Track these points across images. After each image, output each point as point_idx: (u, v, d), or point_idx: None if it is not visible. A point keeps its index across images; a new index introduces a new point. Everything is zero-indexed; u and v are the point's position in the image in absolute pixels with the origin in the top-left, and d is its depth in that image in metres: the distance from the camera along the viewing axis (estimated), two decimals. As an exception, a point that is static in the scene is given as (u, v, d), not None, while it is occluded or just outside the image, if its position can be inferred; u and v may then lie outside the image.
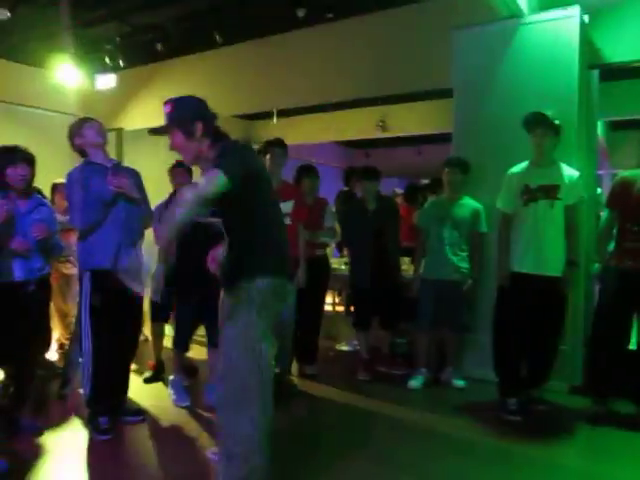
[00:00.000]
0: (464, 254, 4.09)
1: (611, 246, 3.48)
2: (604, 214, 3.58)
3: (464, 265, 4.07)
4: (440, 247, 4.08)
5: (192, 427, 3.38)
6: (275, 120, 8.36)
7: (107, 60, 6.06)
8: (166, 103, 2.35)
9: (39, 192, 3.70)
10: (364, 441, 3.23)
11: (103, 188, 3.13)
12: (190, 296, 3.77)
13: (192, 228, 3.52)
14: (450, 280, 4.05)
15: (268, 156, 3.97)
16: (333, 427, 3.50)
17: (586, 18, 4.08)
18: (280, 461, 2.92)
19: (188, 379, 4.12)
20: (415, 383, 4.12)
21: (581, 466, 2.98)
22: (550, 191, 3.48)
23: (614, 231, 3.46)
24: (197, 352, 4.47)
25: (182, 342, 3.91)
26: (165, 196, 4.17)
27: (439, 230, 4.09)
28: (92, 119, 3.37)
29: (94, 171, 3.21)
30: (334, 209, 5.32)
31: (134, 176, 3.37)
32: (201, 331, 4.09)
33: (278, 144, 4.01)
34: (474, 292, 4.09)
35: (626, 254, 3.34)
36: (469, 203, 4.12)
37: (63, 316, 4.79)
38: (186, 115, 2.29)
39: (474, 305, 4.15)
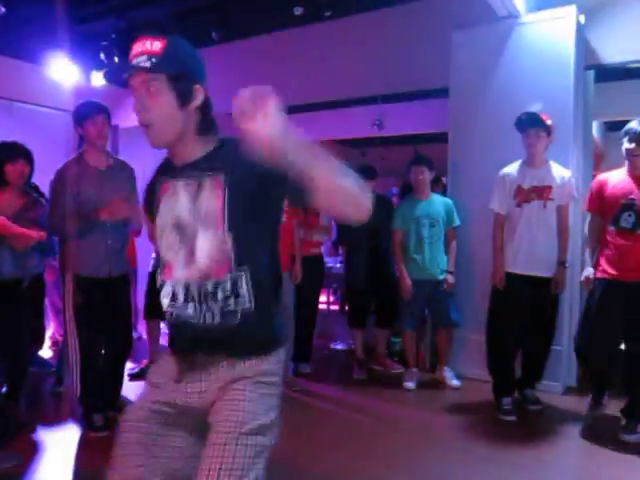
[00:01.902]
0: (443, 251, 4.11)
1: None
2: (588, 218, 3.46)
3: (444, 262, 4.10)
4: (421, 247, 4.09)
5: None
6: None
7: (102, 57, 6.03)
8: (154, 38, 1.46)
9: (36, 189, 3.69)
10: (358, 440, 3.23)
11: (91, 200, 3.04)
12: None
13: None
14: (435, 280, 4.06)
15: None
16: (328, 427, 3.50)
17: (582, 19, 4.09)
18: (274, 460, 2.92)
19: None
20: (410, 383, 4.13)
21: (574, 465, 2.99)
22: (543, 192, 3.49)
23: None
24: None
25: None
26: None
27: (417, 231, 4.09)
28: (99, 111, 3.12)
29: (86, 176, 3.10)
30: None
31: (128, 175, 3.29)
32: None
33: None
34: (453, 286, 4.10)
35: (610, 263, 3.20)
36: (440, 199, 4.16)
37: (58, 313, 4.78)
38: (188, 68, 1.45)
39: (461, 301, 4.17)
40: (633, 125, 3.15)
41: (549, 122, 3.50)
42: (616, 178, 3.24)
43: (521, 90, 4.06)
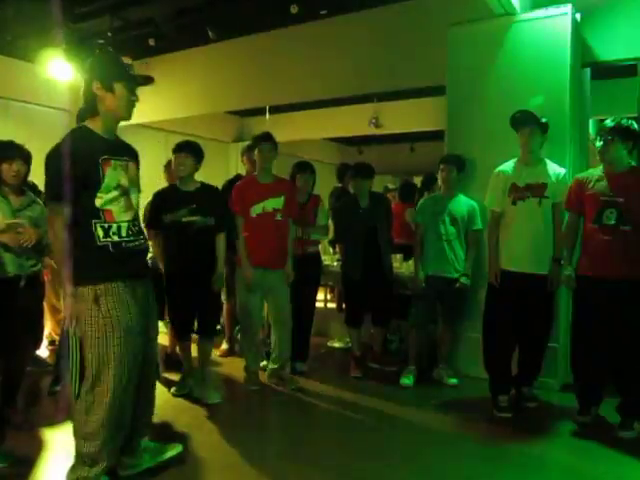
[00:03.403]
0: (461, 251, 4.09)
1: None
2: (566, 217, 3.46)
3: (461, 262, 4.08)
4: (438, 243, 4.09)
5: (183, 420, 3.39)
6: (267, 116, 8.34)
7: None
8: None
9: (34, 188, 3.69)
10: (356, 438, 3.24)
11: None
12: (175, 289, 3.78)
13: (175, 228, 3.57)
14: (448, 278, 4.06)
15: (256, 151, 3.97)
16: (325, 425, 3.50)
17: (578, 16, 4.09)
18: (271, 458, 2.93)
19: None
20: (407, 380, 4.13)
21: (570, 463, 3.00)
22: (538, 189, 3.50)
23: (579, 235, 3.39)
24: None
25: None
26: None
27: (436, 226, 4.09)
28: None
29: None
30: (327, 206, 5.32)
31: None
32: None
33: (266, 139, 3.99)
34: (468, 288, 4.08)
35: (593, 261, 3.22)
36: (465, 200, 4.13)
37: (55, 312, 4.76)
38: None
39: (469, 302, 4.15)
40: (605, 123, 3.21)
41: (544, 120, 3.50)
42: (594, 177, 3.29)
43: (518, 88, 4.06)
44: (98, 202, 2.39)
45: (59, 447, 3.02)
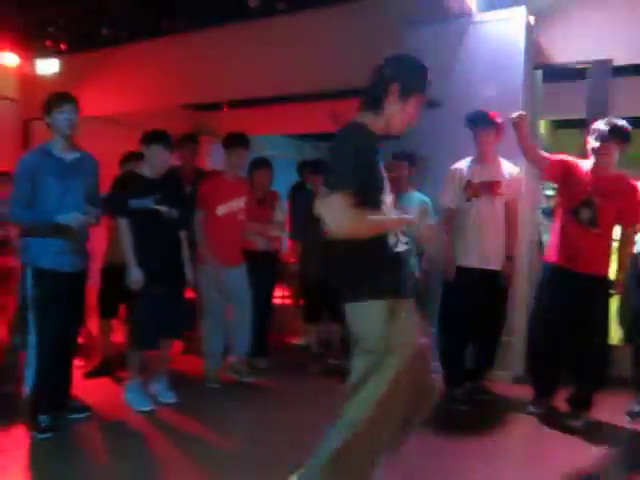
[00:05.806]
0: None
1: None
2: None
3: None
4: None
5: (139, 420, 3.32)
6: (225, 111, 8.25)
7: (49, 44, 5.84)
8: None
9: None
10: (313, 438, 3.23)
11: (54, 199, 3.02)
12: (151, 289, 3.45)
13: (146, 218, 3.41)
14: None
15: (233, 152, 3.93)
16: (282, 423, 3.49)
17: (532, 20, 4.20)
18: (224, 458, 2.90)
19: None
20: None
21: (523, 453, 3.09)
22: (492, 187, 3.58)
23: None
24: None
25: (142, 341, 3.53)
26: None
27: None
28: (68, 101, 3.10)
29: (49, 167, 3.05)
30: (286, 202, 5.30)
31: (93, 169, 3.26)
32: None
33: (244, 143, 3.96)
34: (426, 284, 4.08)
35: (562, 250, 3.31)
36: (416, 197, 4.16)
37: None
38: None
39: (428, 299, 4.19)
40: (599, 126, 3.22)
41: (499, 120, 3.57)
42: (584, 169, 3.31)
43: (472, 88, 4.12)
44: (383, 206, 2.08)
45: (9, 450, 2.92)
